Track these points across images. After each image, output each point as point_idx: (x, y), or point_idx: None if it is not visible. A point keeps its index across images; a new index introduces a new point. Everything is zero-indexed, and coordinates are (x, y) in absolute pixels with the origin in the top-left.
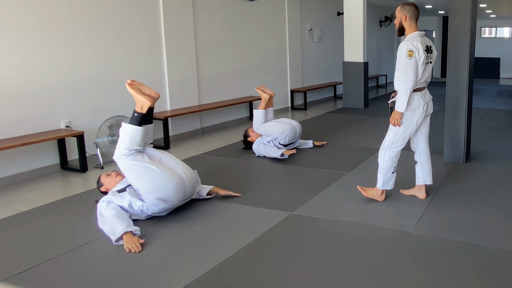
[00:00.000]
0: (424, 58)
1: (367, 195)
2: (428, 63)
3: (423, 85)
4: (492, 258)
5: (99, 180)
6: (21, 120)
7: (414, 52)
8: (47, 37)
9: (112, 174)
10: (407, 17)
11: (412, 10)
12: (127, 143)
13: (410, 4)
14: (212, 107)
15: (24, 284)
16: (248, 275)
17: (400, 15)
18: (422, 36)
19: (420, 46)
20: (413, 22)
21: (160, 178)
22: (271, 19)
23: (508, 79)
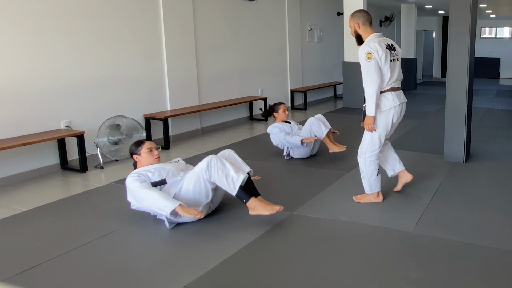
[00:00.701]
0: (386, 56)
1: (364, 202)
2: (394, 61)
3: (397, 85)
4: (492, 258)
5: (140, 146)
6: (21, 120)
7: (373, 54)
8: (47, 37)
9: (155, 153)
10: (360, 24)
11: (363, 16)
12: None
13: (360, 11)
14: (212, 107)
15: (24, 284)
16: (248, 275)
17: (352, 24)
18: (379, 36)
19: (378, 46)
20: (367, 26)
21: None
22: (271, 19)
23: (508, 79)
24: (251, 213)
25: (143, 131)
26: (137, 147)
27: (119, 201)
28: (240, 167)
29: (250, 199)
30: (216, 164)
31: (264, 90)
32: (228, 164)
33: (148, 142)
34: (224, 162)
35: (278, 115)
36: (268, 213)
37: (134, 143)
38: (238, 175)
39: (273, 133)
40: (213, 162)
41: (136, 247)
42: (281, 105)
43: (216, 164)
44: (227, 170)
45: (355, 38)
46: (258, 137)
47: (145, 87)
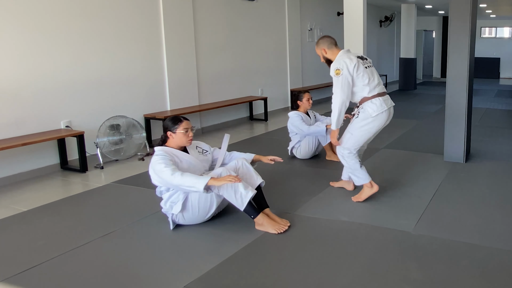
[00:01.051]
0: (359, 65)
1: (363, 199)
2: (368, 67)
3: (382, 90)
4: (492, 258)
5: (178, 124)
6: (21, 120)
7: (341, 70)
8: (47, 37)
9: (190, 134)
10: (326, 49)
11: (326, 40)
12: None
13: (322, 38)
14: (212, 107)
15: (24, 284)
16: (248, 275)
17: (319, 52)
18: (347, 52)
19: (348, 60)
20: (333, 48)
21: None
22: (271, 19)
23: (508, 79)
24: (257, 228)
25: (143, 131)
26: (174, 124)
27: (119, 201)
28: (252, 178)
29: (258, 215)
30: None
31: (264, 90)
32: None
33: (186, 121)
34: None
35: (302, 103)
36: (275, 232)
37: (171, 118)
38: (247, 192)
39: (294, 119)
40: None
41: (136, 247)
42: (306, 94)
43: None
44: (236, 185)
45: (326, 63)
46: (258, 137)
47: (145, 87)
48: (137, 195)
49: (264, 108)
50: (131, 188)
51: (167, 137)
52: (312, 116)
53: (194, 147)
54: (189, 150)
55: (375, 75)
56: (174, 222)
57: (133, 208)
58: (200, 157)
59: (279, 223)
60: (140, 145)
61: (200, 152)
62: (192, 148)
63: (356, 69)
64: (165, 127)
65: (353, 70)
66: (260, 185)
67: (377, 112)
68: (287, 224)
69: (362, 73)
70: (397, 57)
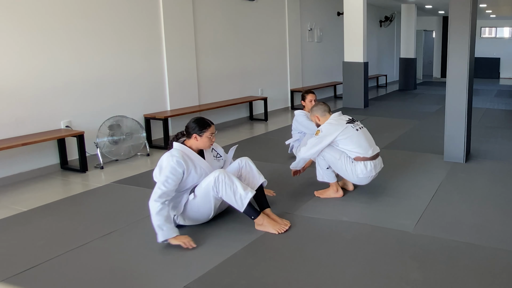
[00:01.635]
0: (347, 130)
1: (324, 197)
2: (359, 129)
3: (375, 151)
4: (492, 258)
5: (207, 128)
6: (21, 120)
7: (321, 132)
8: (47, 37)
9: (213, 139)
10: (319, 116)
11: (320, 108)
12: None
13: (317, 105)
14: (212, 107)
15: (24, 284)
16: (248, 275)
17: (313, 118)
18: (339, 115)
19: (332, 127)
20: (326, 115)
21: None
22: (271, 19)
23: (508, 79)
24: (257, 228)
25: (143, 131)
26: (202, 128)
27: (119, 201)
28: (255, 178)
29: (258, 216)
30: (224, 180)
31: (264, 90)
32: (236, 180)
33: (213, 126)
34: (232, 178)
35: (305, 104)
36: (275, 232)
37: (198, 121)
38: (246, 193)
39: (300, 119)
40: (221, 178)
41: (136, 247)
42: (309, 95)
43: (224, 180)
44: (235, 187)
45: (317, 126)
46: (258, 137)
47: (145, 87)
48: (137, 195)
49: (264, 108)
50: (131, 188)
51: (188, 138)
52: None
53: (210, 150)
54: (206, 153)
55: (367, 136)
56: (175, 222)
57: (133, 208)
58: (214, 163)
59: (279, 223)
60: (140, 145)
61: (215, 157)
62: (208, 152)
63: (343, 133)
64: (191, 129)
65: (337, 136)
66: (262, 185)
67: (364, 175)
68: (288, 224)
69: (352, 136)
70: (397, 57)
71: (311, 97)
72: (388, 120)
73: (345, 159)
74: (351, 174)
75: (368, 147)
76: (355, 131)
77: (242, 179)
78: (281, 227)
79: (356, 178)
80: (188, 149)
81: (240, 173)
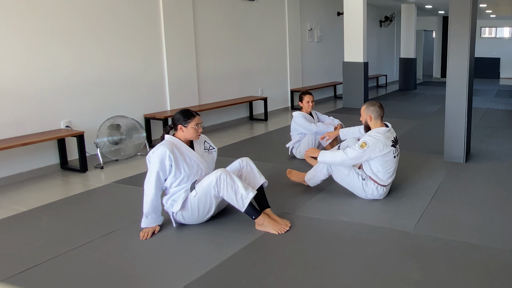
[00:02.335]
0: (389, 152)
1: (293, 179)
2: (396, 157)
3: (391, 180)
4: (492, 258)
5: (191, 119)
6: (21, 120)
7: (368, 147)
8: (47, 37)
9: (200, 129)
10: (372, 117)
11: (376, 110)
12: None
13: (374, 104)
14: (212, 107)
15: (24, 284)
16: (248, 275)
17: (365, 115)
18: (388, 131)
19: (381, 145)
20: (378, 120)
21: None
22: (271, 19)
23: (508, 79)
24: (257, 228)
25: (143, 131)
26: (186, 119)
27: (119, 201)
28: (256, 178)
29: (259, 216)
30: (226, 180)
31: (264, 90)
32: (237, 180)
33: (198, 117)
34: (233, 177)
35: (302, 105)
36: (276, 232)
37: (183, 112)
38: (248, 192)
39: (299, 120)
40: (222, 178)
41: (136, 247)
42: (306, 96)
43: (226, 179)
44: (236, 186)
45: (364, 127)
46: (258, 137)
47: (145, 87)
48: (137, 195)
49: (264, 108)
50: (131, 188)
51: (176, 130)
52: (315, 116)
53: (201, 142)
54: (195, 145)
55: (396, 165)
56: (175, 220)
57: (133, 208)
58: (205, 156)
59: (280, 223)
60: (140, 145)
61: (206, 150)
62: (199, 143)
63: (383, 156)
64: (176, 120)
65: (378, 154)
66: (263, 185)
67: (372, 196)
68: (288, 225)
69: (387, 162)
70: (397, 57)
71: (308, 98)
72: (388, 120)
73: (354, 175)
74: (361, 191)
75: (391, 176)
76: (393, 157)
77: (243, 179)
78: (281, 228)
79: (363, 194)
80: (178, 141)
81: (240, 173)
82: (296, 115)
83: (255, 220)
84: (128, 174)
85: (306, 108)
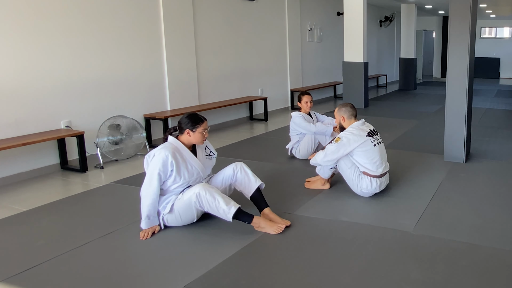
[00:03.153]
0: (366, 143)
1: (312, 187)
2: (378, 144)
3: (384, 171)
4: (492, 258)
5: (199, 124)
6: (21, 120)
7: (342, 140)
8: (47, 37)
9: (206, 135)
10: (345, 118)
11: (348, 111)
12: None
13: (345, 106)
14: (212, 107)
15: (24, 284)
16: (248, 275)
17: (338, 117)
18: (362, 124)
19: (355, 137)
20: (351, 119)
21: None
22: (271, 19)
23: (508, 79)
24: (257, 229)
25: (143, 131)
26: (195, 124)
27: (119, 201)
28: (250, 182)
29: (253, 219)
30: (205, 197)
31: (264, 90)
32: (217, 195)
33: (206, 122)
34: (213, 193)
35: (301, 105)
36: (274, 233)
37: (191, 117)
38: (229, 207)
39: (297, 120)
40: (202, 195)
41: (136, 247)
42: (305, 96)
43: (205, 196)
44: (217, 202)
45: (339, 129)
46: (258, 137)
47: (145, 87)
48: (137, 195)
49: (264, 108)
50: (131, 188)
51: (181, 133)
52: (314, 116)
53: (203, 147)
54: (198, 150)
55: (382, 152)
56: (164, 223)
57: (133, 208)
58: (206, 161)
59: (278, 222)
60: (140, 145)
61: (207, 155)
62: (201, 148)
63: (361, 146)
64: (183, 124)
65: (355, 145)
66: (260, 187)
67: (367, 190)
68: (287, 223)
69: (368, 150)
70: (397, 57)
71: (307, 99)
72: (388, 120)
73: (354, 169)
74: (356, 186)
75: (380, 164)
76: (373, 146)
77: (238, 184)
78: (278, 227)
79: (359, 191)
80: (181, 145)
81: (235, 178)
82: (294, 116)
83: (251, 224)
84: (128, 174)
85: (305, 109)
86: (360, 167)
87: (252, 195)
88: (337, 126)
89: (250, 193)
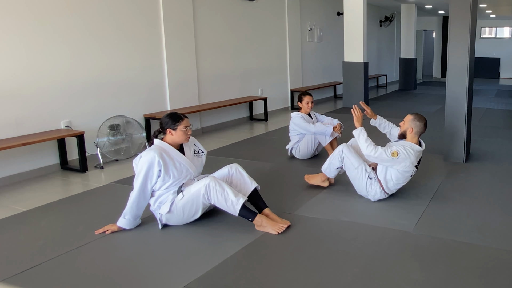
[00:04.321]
0: (412, 164)
1: (311, 183)
2: (411, 176)
3: (391, 193)
4: (492, 258)
5: (179, 122)
6: (21, 120)
7: (399, 156)
8: (47, 37)
9: (189, 132)
10: (413, 131)
11: (420, 128)
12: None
13: (421, 120)
14: (212, 107)
15: (24, 284)
16: (248, 275)
17: (408, 125)
18: (420, 153)
19: (412, 158)
20: (416, 136)
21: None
22: (271, 19)
23: (508, 79)
24: (257, 229)
25: (143, 131)
26: (175, 123)
27: (119, 201)
28: (246, 184)
29: (255, 217)
30: (215, 188)
31: (264, 90)
32: (226, 187)
33: (186, 119)
34: (222, 185)
35: (302, 106)
36: (275, 232)
37: (171, 116)
38: (238, 199)
39: (297, 120)
40: (212, 186)
41: (136, 247)
42: (305, 97)
43: (215, 187)
44: (226, 193)
45: (400, 135)
46: (258, 137)
47: (145, 87)
48: None
49: (264, 108)
50: (131, 188)
51: (165, 134)
52: (313, 116)
53: (191, 145)
54: (185, 149)
55: (406, 182)
56: (161, 221)
57: None
58: (194, 160)
59: (279, 223)
60: (140, 145)
61: (196, 153)
62: (188, 147)
63: (404, 172)
64: (164, 124)
65: (402, 168)
66: (256, 189)
67: (372, 197)
68: (287, 223)
69: (403, 177)
70: (397, 57)
71: (308, 99)
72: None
73: (362, 170)
74: (363, 188)
75: (397, 188)
76: (409, 176)
77: (233, 186)
78: (280, 227)
79: (365, 192)
80: (166, 145)
81: (230, 180)
82: (294, 116)
83: (253, 222)
84: (128, 174)
85: (305, 109)
86: (381, 177)
87: (250, 196)
88: (400, 131)
89: (246, 194)
